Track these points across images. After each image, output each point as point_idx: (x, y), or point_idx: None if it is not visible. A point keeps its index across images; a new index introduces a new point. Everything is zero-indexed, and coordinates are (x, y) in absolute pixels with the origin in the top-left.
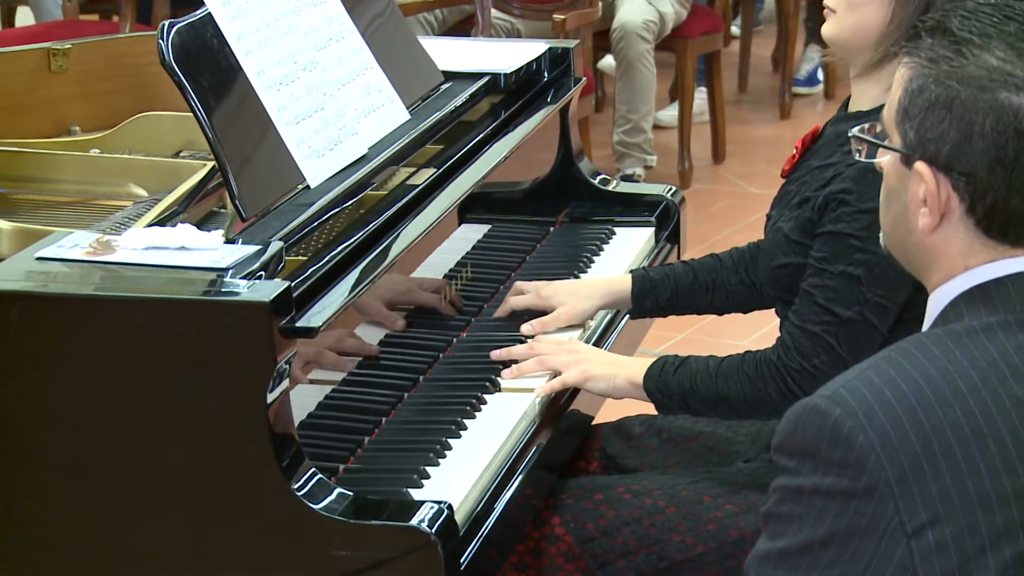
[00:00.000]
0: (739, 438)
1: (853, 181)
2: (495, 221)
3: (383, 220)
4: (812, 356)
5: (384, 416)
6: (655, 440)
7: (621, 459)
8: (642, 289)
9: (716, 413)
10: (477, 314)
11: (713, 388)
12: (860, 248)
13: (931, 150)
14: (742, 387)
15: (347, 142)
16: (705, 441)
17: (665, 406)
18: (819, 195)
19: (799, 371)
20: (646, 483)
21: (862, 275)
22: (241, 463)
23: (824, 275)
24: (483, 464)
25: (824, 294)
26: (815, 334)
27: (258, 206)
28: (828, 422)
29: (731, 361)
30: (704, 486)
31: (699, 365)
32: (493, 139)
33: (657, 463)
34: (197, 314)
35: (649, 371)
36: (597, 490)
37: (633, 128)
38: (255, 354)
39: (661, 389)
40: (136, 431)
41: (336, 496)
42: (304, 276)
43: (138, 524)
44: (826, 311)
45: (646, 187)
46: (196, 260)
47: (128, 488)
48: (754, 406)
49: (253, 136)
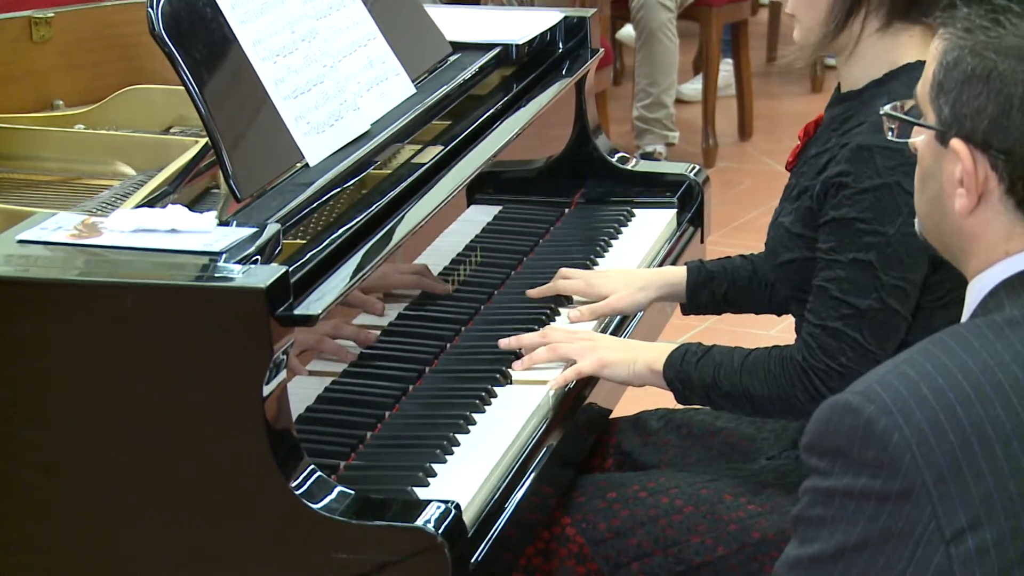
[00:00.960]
0: (762, 435)
1: (849, 162)
2: (506, 202)
3: (387, 201)
4: (837, 354)
5: (387, 410)
6: (674, 436)
7: (637, 455)
8: (698, 281)
9: (739, 410)
10: (487, 301)
11: (737, 384)
12: (868, 231)
13: (967, 126)
14: (768, 386)
15: (348, 118)
16: (727, 437)
17: (685, 397)
18: (816, 183)
19: (826, 371)
20: (663, 481)
21: (874, 259)
22: (235, 460)
23: (835, 266)
24: (493, 461)
25: (838, 286)
26: (837, 330)
27: (254, 186)
28: (860, 420)
29: (757, 356)
30: (725, 484)
31: (724, 357)
32: (504, 115)
33: (675, 460)
34: (188, 301)
35: (670, 358)
36: (611, 488)
37: (654, 103)
38: (250, 344)
39: (682, 379)
40: (123, 426)
41: (336, 495)
42: (303, 261)
43: (126, 524)
44: (844, 304)
45: (667, 166)
46: (187, 243)
47: (115, 486)
48: (780, 407)
49: (248, 111)
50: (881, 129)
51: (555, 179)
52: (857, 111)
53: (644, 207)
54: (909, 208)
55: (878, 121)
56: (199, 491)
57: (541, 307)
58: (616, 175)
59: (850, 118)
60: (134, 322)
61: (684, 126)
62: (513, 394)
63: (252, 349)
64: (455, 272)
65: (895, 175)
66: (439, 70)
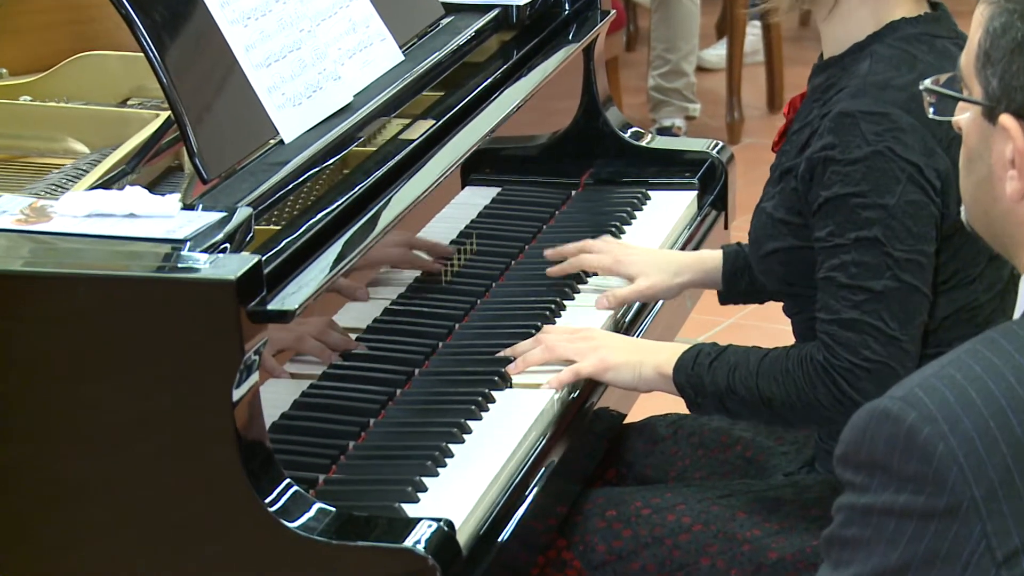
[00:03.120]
0: (782, 448)
1: (832, 133)
2: (505, 183)
3: (371, 182)
4: (859, 347)
5: (372, 417)
6: (684, 445)
7: (641, 466)
8: (735, 267)
9: (757, 418)
10: (483, 295)
11: (754, 388)
12: (866, 204)
13: (1018, 100)
14: (787, 389)
15: (328, 88)
16: (743, 450)
17: (698, 404)
18: (800, 161)
19: (849, 369)
20: (669, 497)
21: (880, 234)
22: (202, 473)
23: (838, 251)
24: (491, 474)
25: (846, 272)
26: (854, 320)
27: (222, 165)
28: (901, 429)
29: (775, 357)
30: (738, 501)
31: (739, 358)
32: (503, 85)
33: (684, 474)
34: (149, 295)
35: (681, 361)
36: (611, 505)
37: (672, 71)
38: (218, 343)
39: (694, 384)
40: (76, 436)
41: (315, 512)
42: (277, 249)
43: (82, 542)
44: (856, 290)
45: (687, 142)
46: (147, 230)
47: (69, 501)
48: (802, 412)
49: (215, 81)
50: (863, 93)
51: (560, 157)
52: (838, 79)
53: (660, 189)
54: (907, 174)
55: (860, 85)
56: (162, 509)
57: (544, 303)
58: (629, 152)
59: (831, 86)
60: (87, 319)
61: (706, 97)
62: (513, 399)
63: (220, 349)
64: (448, 262)
65: (884, 140)
66: (430, 35)
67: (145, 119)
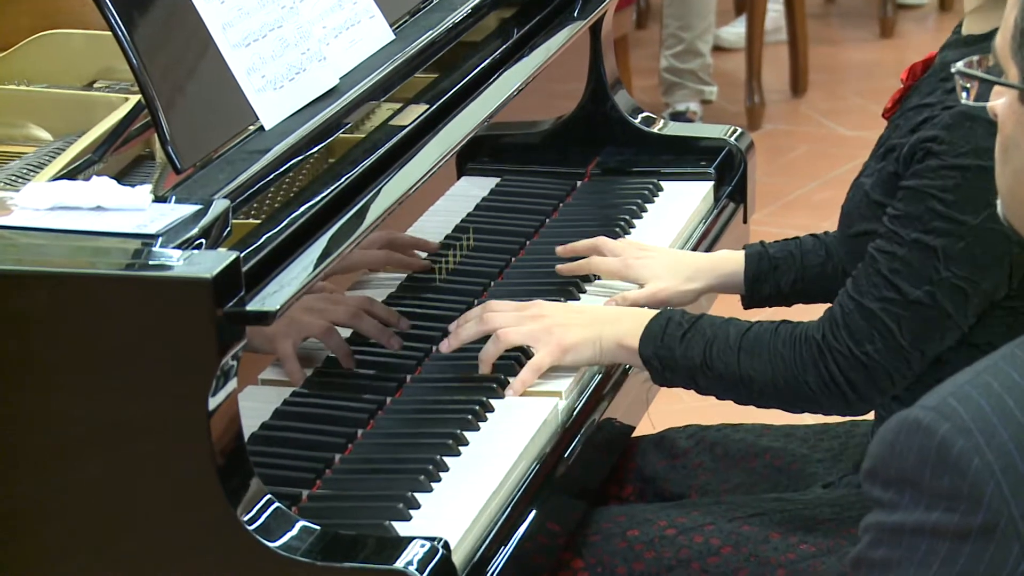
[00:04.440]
0: (817, 455)
1: (946, 128)
2: (505, 173)
3: (359, 172)
4: (864, 340)
5: (360, 428)
6: (706, 457)
7: (662, 482)
8: (759, 271)
9: (731, 395)
10: (481, 295)
11: (733, 365)
12: (942, 214)
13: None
14: (773, 368)
15: (312, 70)
16: (772, 459)
17: (665, 379)
18: (906, 142)
19: (845, 356)
20: (695, 515)
21: (939, 247)
22: (175, 488)
23: (895, 240)
24: (489, 490)
25: (891, 264)
26: (871, 312)
27: (197, 153)
28: (933, 441)
29: (760, 332)
30: (771, 519)
31: (716, 331)
32: (503, 66)
33: (709, 487)
34: (117, 294)
35: (648, 331)
36: (632, 524)
37: (686, 51)
38: (193, 347)
39: (662, 357)
40: (37, 448)
41: (299, 531)
42: (257, 245)
43: (45, 564)
44: (889, 285)
45: (703, 128)
46: (116, 224)
47: (28, 521)
48: (784, 394)
49: (190, 62)
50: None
51: (565, 145)
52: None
53: (674, 179)
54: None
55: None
56: (131, 528)
57: (550, 300)
58: (639, 140)
59: None
60: (49, 321)
61: (723, 79)
62: (513, 408)
63: (195, 354)
64: (443, 259)
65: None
66: (423, 11)
67: (113, 103)
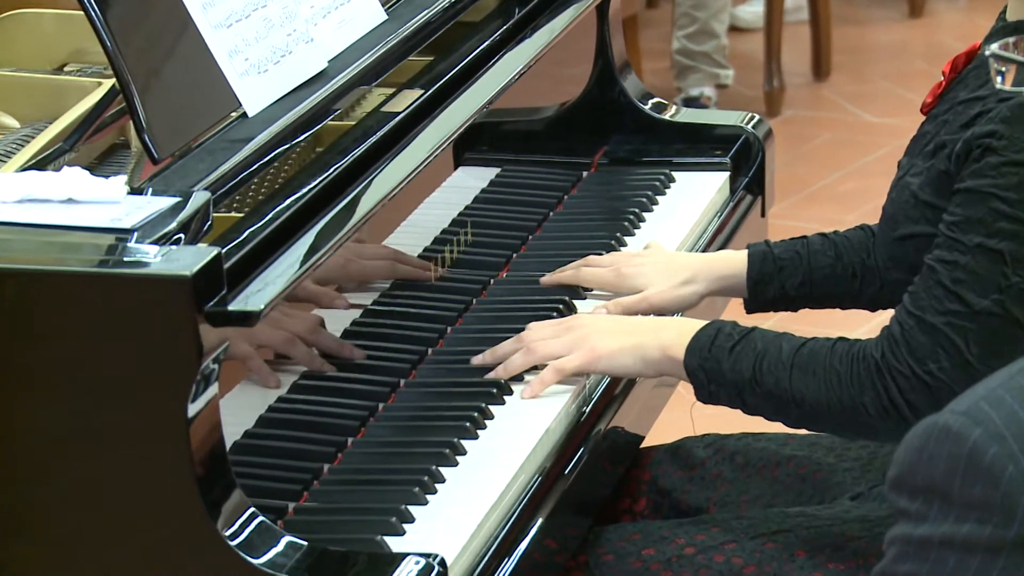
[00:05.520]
0: (844, 464)
1: (1004, 122)
2: (506, 163)
3: (349, 162)
4: (927, 358)
5: (350, 436)
6: (726, 467)
7: (679, 494)
8: (762, 272)
9: (781, 417)
10: (479, 294)
11: (785, 383)
12: (1007, 214)
13: None
14: (827, 389)
15: (299, 52)
16: (796, 468)
17: (710, 394)
18: (958, 138)
19: (907, 377)
20: (715, 532)
21: (1006, 250)
22: (153, 501)
23: (956, 248)
24: (488, 503)
25: (952, 274)
26: (935, 328)
27: (176, 142)
28: (963, 448)
29: (815, 349)
30: (796, 536)
31: (767, 344)
32: (503, 48)
33: (729, 500)
34: (90, 293)
35: (696, 341)
36: (647, 541)
37: (700, 31)
38: (171, 349)
39: (709, 371)
40: (7, 454)
41: (285, 547)
42: (240, 240)
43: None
44: (953, 297)
45: (718, 115)
46: (89, 217)
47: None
48: (839, 418)
49: (168, 44)
50: None
51: (569, 133)
52: None
53: (686, 169)
54: None
55: None
56: (104, 544)
57: (554, 300)
58: (650, 127)
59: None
60: (18, 320)
61: (740, 62)
62: (514, 415)
63: (173, 356)
64: (438, 255)
65: None
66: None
67: (85, 88)
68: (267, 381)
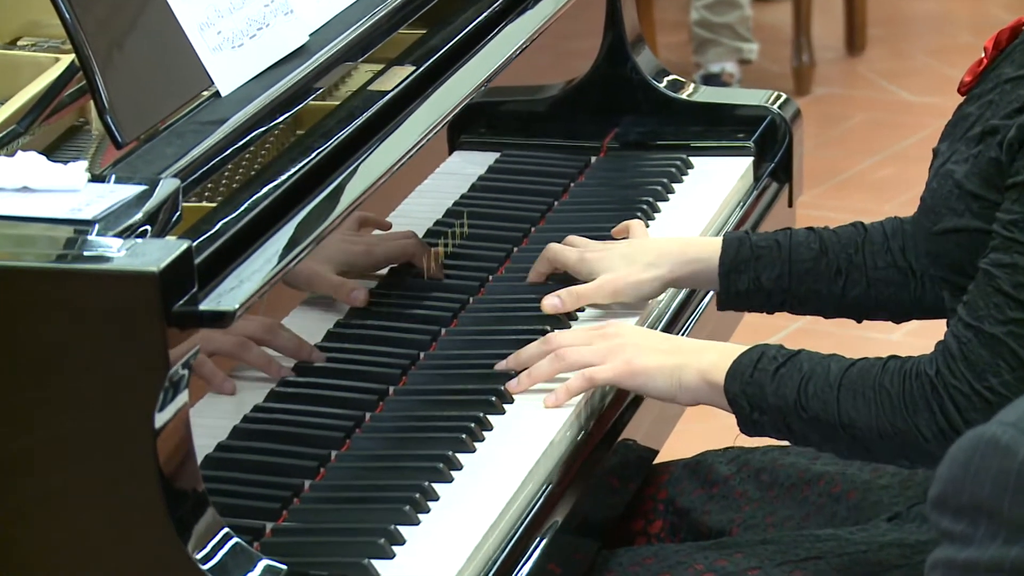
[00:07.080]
0: (881, 480)
1: None
2: (506, 147)
3: (332, 147)
4: (987, 372)
5: (334, 449)
6: (751, 485)
7: (698, 515)
8: (735, 260)
9: (830, 445)
10: (477, 291)
11: (832, 405)
12: None
13: None
14: (878, 410)
15: (277, 25)
16: (828, 487)
17: (754, 423)
18: (1010, 125)
19: (966, 395)
20: (739, 558)
21: None
22: (118, 520)
23: (1013, 248)
24: (487, 523)
25: (1013, 278)
26: (995, 339)
27: (141, 124)
28: (1013, 463)
29: (865, 368)
30: (829, 564)
31: (815, 365)
32: (503, 20)
33: (754, 522)
34: (47, 291)
35: (737, 365)
36: (663, 567)
37: (721, 2)
38: (137, 352)
39: (751, 396)
40: None
41: (262, 571)
42: (212, 232)
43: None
44: (1015, 304)
45: (741, 93)
46: (46, 208)
47: None
48: (892, 444)
49: (132, 15)
50: None
51: (577, 114)
52: None
53: (706, 154)
54: None
55: None
56: (70, 565)
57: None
58: (665, 107)
59: None
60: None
61: (765, 35)
62: (515, 427)
63: (139, 361)
64: (432, 248)
65: None
66: None
67: (41, 64)
68: (273, 372)
